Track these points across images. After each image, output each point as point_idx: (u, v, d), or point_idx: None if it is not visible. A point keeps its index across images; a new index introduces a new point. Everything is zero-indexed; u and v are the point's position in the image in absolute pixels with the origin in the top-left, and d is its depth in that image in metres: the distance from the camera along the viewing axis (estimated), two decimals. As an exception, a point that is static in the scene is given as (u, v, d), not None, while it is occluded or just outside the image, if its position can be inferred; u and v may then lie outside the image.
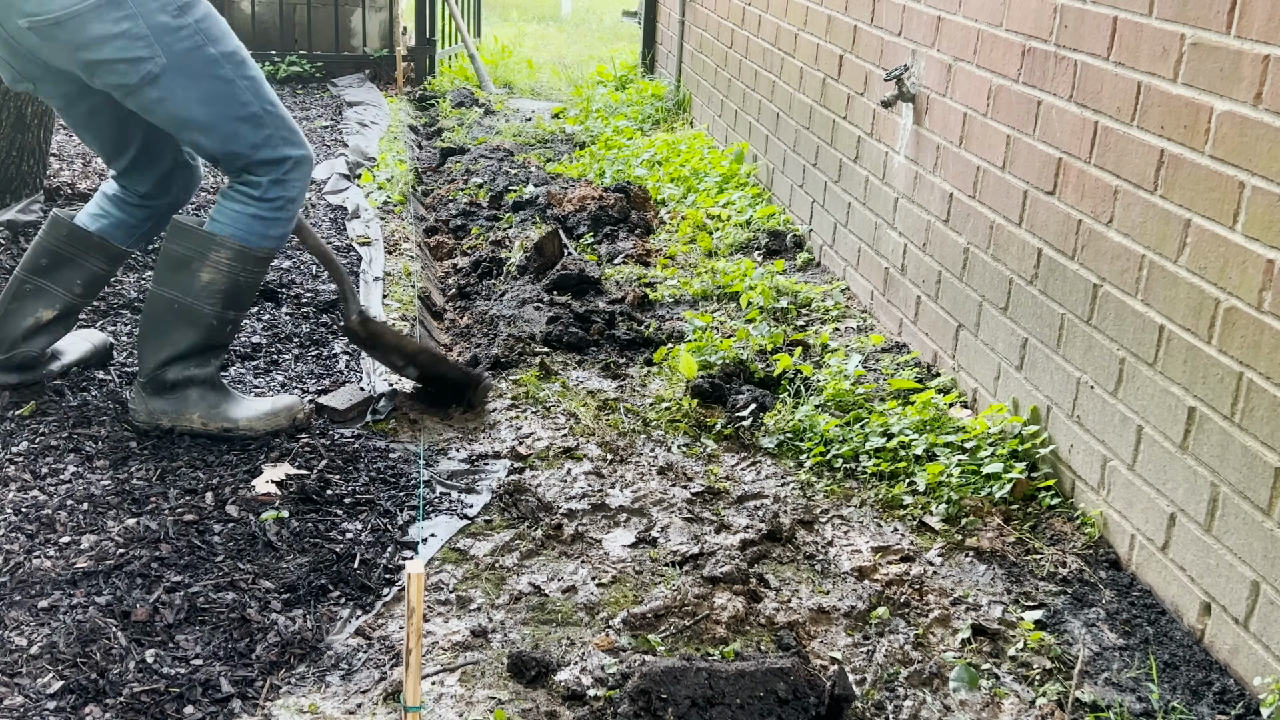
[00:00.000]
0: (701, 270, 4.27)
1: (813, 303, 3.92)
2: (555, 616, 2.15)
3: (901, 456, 2.79)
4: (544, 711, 1.84)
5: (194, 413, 2.62)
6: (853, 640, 2.13)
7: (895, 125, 3.65)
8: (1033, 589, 2.32)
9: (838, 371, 3.25)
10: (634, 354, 3.51)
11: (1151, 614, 2.25)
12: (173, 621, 2.01)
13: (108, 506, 2.38)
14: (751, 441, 2.96)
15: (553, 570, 2.31)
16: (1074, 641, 2.15)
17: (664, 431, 2.99)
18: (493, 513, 2.52)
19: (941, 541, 2.49)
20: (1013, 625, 2.19)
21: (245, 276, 2.57)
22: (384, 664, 1.95)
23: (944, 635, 2.16)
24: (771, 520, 2.51)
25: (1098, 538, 2.50)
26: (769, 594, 2.27)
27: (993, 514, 2.58)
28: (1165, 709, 1.96)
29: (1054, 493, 2.65)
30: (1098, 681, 2.04)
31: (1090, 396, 2.54)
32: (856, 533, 2.53)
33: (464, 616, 2.12)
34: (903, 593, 2.29)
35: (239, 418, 2.65)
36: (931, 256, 3.37)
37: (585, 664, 1.97)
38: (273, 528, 2.33)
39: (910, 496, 2.66)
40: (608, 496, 2.62)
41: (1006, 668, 2.07)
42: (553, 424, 2.98)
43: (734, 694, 1.80)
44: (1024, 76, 2.86)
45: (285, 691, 1.86)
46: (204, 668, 1.89)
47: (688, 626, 2.12)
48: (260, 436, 2.66)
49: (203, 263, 2.52)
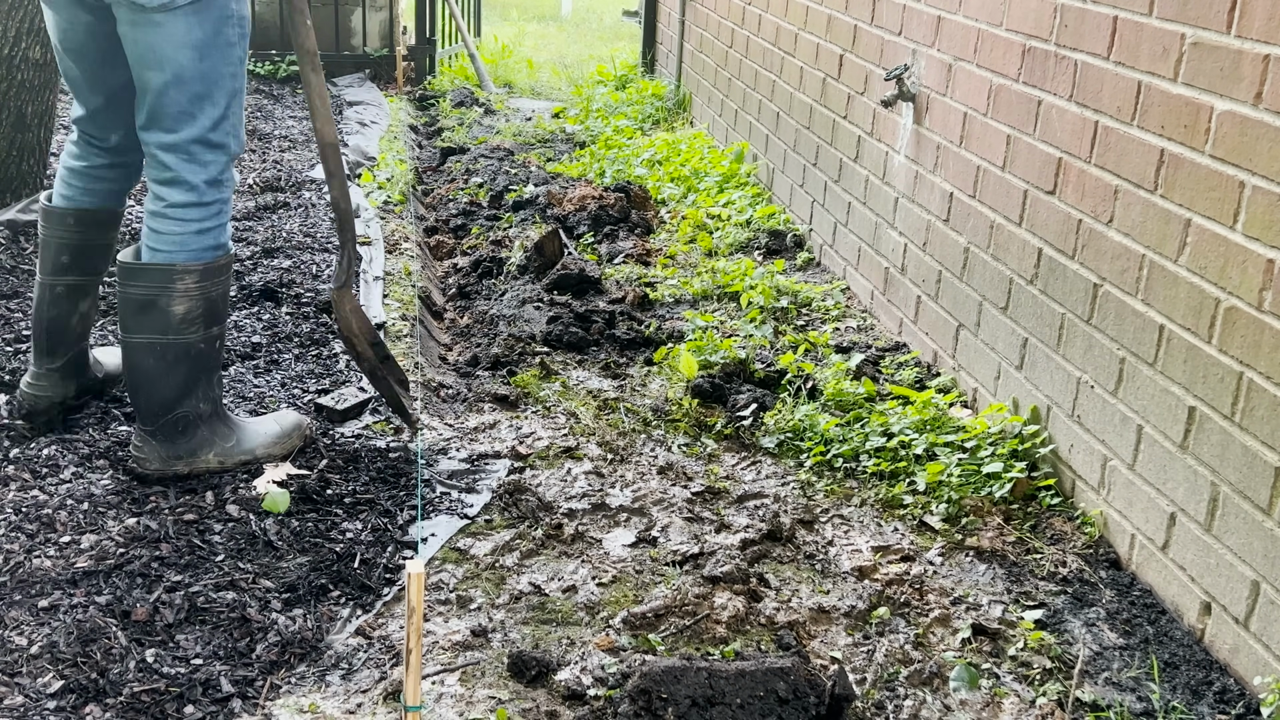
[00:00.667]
0: (702, 270, 4.27)
1: (813, 302, 3.92)
2: (555, 616, 2.15)
3: (902, 456, 2.79)
4: (544, 711, 1.84)
5: (208, 453, 2.50)
6: (853, 640, 2.13)
7: (895, 125, 3.65)
8: (1033, 588, 2.32)
9: (838, 371, 3.25)
10: (634, 354, 3.51)
11: (1152, 613, 2.25)
12: (173, 621, 2.00)
13: (108, 506, 2.37)
14: (752, 441, 2.95)
15: (553, 570, 2.31)
16: (1074, 641, 2.15)
17: (664, 431, 2.99)
18: (493, 512, 2.52)
19: (942, 541, 2.49)
20: (1013, 625, 2.19)
21: (216, 289, 2.44)
22: (384, 663, 1.95)
23: (944, 635, 2.16)
24: (772, 520, 2.51)
25: (1098, 537, 2.50)
26: (769, 594, 2.27)
27: (993, 513, 2.57)
28: (1165, 708, 1.96)
29: (1054, 492, 2.65)
30: (1098, 681, 2.04)
31: (1090, 396, 2.54)
32: (857, 532, 2.53)
33: (464, 616, 2.12)
34: (903, 592, 2.29)
35: (254, 448, 2.57)
36: (932, 256, 3.37)
37: (585, 663, 1.97)
38: (273, 527, 2.33)
39: (910, 496, 2.66)
40: (608, 496, 2.61)
41: (1007, 667, 2.07)
42: (553, 424, 2.98)
43: (734, 693, 1.80)
44: (1024, 76, 2.86)
45: (285, 691, 1.86)
46: (204, 667, 1.89)
47: (688, 626, 2.12)
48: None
49: (170, 296, 2.36)
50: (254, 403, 2.93)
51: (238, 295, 3.64)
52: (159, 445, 2.45)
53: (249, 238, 4.25)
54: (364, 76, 7.88)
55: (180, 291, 2.37)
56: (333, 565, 2.23)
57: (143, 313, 2.37)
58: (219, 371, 2.57)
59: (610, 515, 2.54)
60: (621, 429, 2.98)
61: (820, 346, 3.53)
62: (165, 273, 2.36)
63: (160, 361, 2.39)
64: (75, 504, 2.36)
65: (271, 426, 2.64)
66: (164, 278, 2.36)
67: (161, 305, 2.36)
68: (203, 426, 2.49)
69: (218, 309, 2.47)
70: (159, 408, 2.42)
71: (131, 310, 2.39)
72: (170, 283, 2.36)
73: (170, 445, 2.45)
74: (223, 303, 2.49)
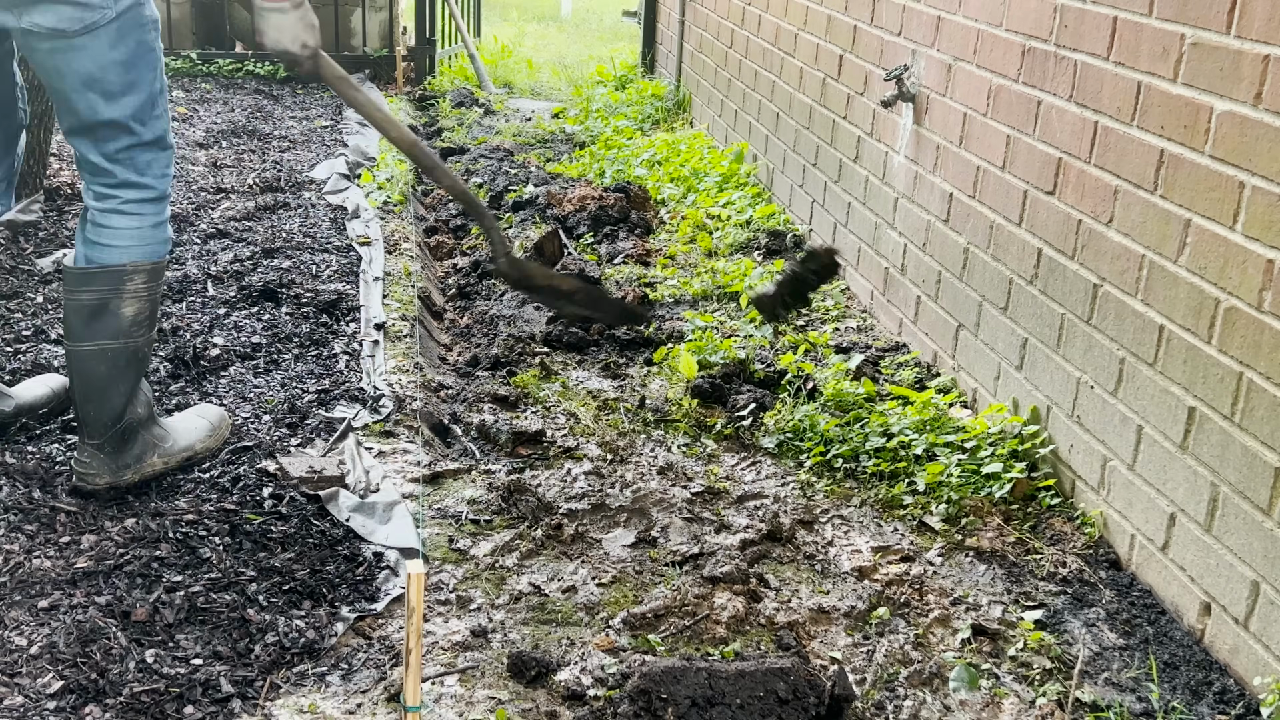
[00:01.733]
0: (701, 270, 4.27)
1: (813, 303, 3.92)
2: (555, 617, 2.15)
3: (902, 456, 2.79)
4: (544, 711, 1.84)
5: (152, 455, 2.47)
6: (853, 640, 2.13)
7: (895, 125, 3.65)
8: (1033, 589, 2.32)
9: (837, 371, 3.26)
10: (634, 354, 3.51)
11: (1152, 614, 2.25)
12: (173, 621, 2.00)
13: (108, 506, 2.37)
14: (751, 441, 2.95)
15: (553, 570, 2.31)
16: (1074, 641, 2.15)
17: (664, 431, 2.99)
18: (492, 512, 2.52)
19: (942, 541, 2.49)
20: (1013, 625, 2.19)
21: (159, 289, 2.43)
22: (384, 664, 1.95)
23: (944, 635, 2.16)
24: (771, 520, 2.51)
25: (1098, 538, 2.50)
26: (769, 594, 2.27)
27: (993, 514, 2.58)
28: (1165, 709, 1.96)
29: (1054, 493, 2.65)
30: (1098, 681, 2.04)
31: (1090, 396, 2.54)
32: (856, 532, 2.53)
33: (464, 616, 2.12)
34: (903, 592, 2.29)
35: (193, 444, 2.56)
36: (932, 257, 3.37)
37: (585, 664, 1.97)
38: (272, 526, 2.33)
39: (910, 496, 2.66)
40: (608, 497, 2.62)
41: (1006, 667, 2.07)
42: (553, 424, 2.98)
43: (734, 694, 1.80)
44: (1024, 76, 2.86)
45: (285, 691, 1.86)
46: (204, 667, 1.89)
47: (688, 626, 2.12)
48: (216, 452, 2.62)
49: (120, 298, 2.33)
50: (253, 403, 2.93)
51: (237, 295, 3.64)
52: (107, 458, 2.40)
53: (249, 238, 4.25)
54: (364, 77, 7.88)
55: (130, 293, 2.34)
56: (333, 565, 2.23)
57: (94, 318, 2.33)
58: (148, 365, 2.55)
59: (610, 516, 2.54)
60: (621, 429, 2.98)
61: (820, 347, 3.53)
62: (116, 274, 2.33)
63: (112, 368, 2.35)
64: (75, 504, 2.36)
65: (199, 421, 2.62)
66: (115, 280, 2.32)
67: (113, 308, 2.32)
68: (143, 431, 2.46)
69: (156, 309, 2.45)
70: (110, 418, 2.38)
71: (83, 318, 2.33)
72: (121, 284, 2.33)
73: (117, 456, 2.41)
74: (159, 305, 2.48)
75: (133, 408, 2.42)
